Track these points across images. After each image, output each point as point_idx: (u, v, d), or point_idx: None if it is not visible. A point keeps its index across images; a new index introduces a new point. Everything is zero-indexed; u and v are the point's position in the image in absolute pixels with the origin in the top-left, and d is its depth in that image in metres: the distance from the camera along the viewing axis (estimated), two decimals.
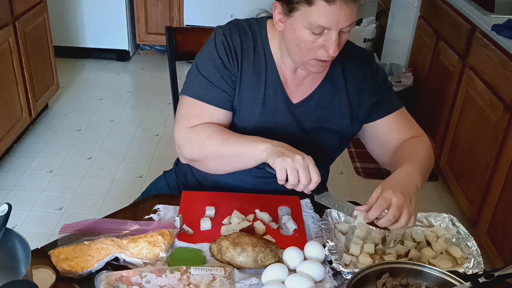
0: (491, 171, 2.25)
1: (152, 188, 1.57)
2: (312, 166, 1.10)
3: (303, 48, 1.17)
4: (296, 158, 1.09)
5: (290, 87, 1.30)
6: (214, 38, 1.27)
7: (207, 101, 1.26)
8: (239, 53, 1.26)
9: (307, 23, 1.12)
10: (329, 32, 1.13)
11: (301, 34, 1.15)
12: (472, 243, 1.16)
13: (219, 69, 1.26)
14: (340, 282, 1.08)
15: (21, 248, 0.95)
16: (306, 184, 1.10)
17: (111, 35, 4.24)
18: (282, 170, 1.10)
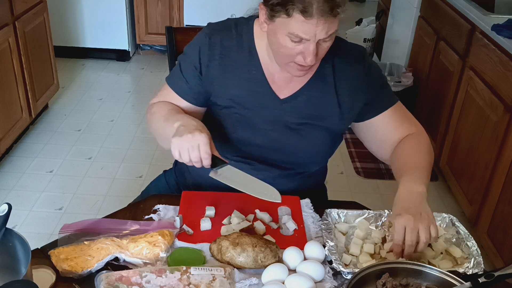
0: (491, 171, 2.25)
1: (152, 187, 1.57)
2: (203, 143, 1.12)
3: (283, 53, 1.19)
4: (187, 137, 1.12)
5: (278, 83, 1.31)
6: (200, 33, 1.33)
7: (172, 88, 1.35)
8: (217, 52, 1.29)
9: (286, 31, 1.14)
10: (307, 42, 1.14)
11: (281, 40, 1.16)
12: (472, 243, 1.16)
13: (190, 64, 1.32)
14: (340, 282, 1.08)
15: (21, 248, 0.95)
16: (197, 162, 1.13)
17: (111, 35, 4.24)
18: (175, 151, 1.13)
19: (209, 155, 1.13)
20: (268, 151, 1.35)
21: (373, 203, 2.60)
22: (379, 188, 2.89)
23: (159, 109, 1.32)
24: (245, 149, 1.35)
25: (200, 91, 1.33)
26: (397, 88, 3.17)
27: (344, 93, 1.32)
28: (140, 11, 4.27)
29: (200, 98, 1.34)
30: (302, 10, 1.08)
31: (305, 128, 1.33)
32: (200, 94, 1.33)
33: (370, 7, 5.97)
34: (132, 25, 4.32)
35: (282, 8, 1.11)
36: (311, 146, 1.36)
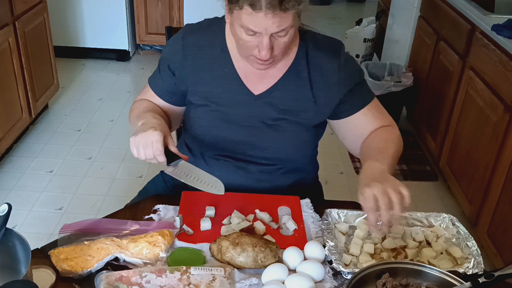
0: (491, 171, 2.25)
1: (149, 187, 1.57)
2: (155, 141, 1.14)
3: (241, 45, 1.21)
4: (141, 136, 1.15)
5: (251, 80, 1.32)
6: (175, 35, 1.38)
7: (151, 86, 1.42)
8: (190, 52, 1.33)
9: (240, 23, 1.15)
10: (260, 35, 1.15)
11: (238, 32, 1.18)
12: (472, 243, 1.16)
13: (165, 64, 1.37)
14: (340, 282, 1.08)
15: (21, 248, 0.95)
16: (151, 159, 1.16)
17: (111, 35, 4.24)
18: (133, 149, 1.17)
19: (160, 152, 1.15)
20: (246, 147, 1.36)
21: None
22: None
23: (137, 107, 1.38)
24: (224, 146, 1.37)
25: (174, 90, 1.37)
26: (397, 88, 3.17)
27: (319, 88, 1.32)
28: (140, 11, 4.27)
29: (175, 97, 1.38)
30: (250, 3, 1.10)
31: (281, 124, 1.34)
32: (175, 93, 1.38)
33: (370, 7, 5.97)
34: (132, 25, 4.32)
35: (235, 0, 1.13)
36: (288, 141, 1.36)
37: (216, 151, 1.39)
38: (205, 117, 1.35)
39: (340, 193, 2.73)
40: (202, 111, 1.35)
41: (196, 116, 1.37)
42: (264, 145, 1.36)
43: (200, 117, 1.36)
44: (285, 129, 1.34)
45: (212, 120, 1.35)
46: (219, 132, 1.36)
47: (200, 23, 1.36)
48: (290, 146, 1.37)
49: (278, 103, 1.32)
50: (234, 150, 1.37)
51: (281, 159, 1.39)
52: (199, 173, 1.19)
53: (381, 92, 3.17)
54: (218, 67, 1.32)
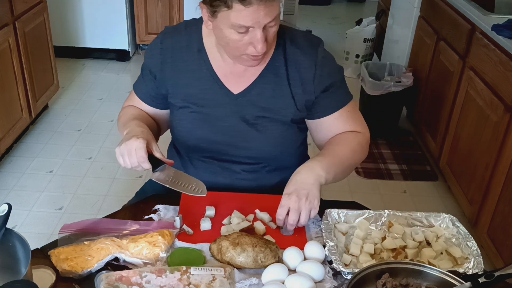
0: (491, 171, 2.25)
1: (147, 187, 1.57)
2: (138, 148, 1.15)
3: (232, 47, 1.20)
4: (125, 145, 1.17)
5: (230, 79, 1.32)
6: (154, 39, 1.39)
7: (135, 92, 1.43)
8: (169, 55, 1.34)
9: (229, 24, 1.15)
10: (253, 30, 1.15)
11: (227, 34, 1.17)
12: (472, 243, 1.16)
13: (147, 68, 1.38)
14: (340, 282, 1.08)
15: (21, 248, 0.96)
16: (136, 166, 1.17)
17: (111, 35, 4.24)
18: (118, 158, 1.18)
19: (144, 158, 1.16)
20: (229, 147, 1.37)
21: (373, 203, 2.61)
22: (379, 188, 2.89)
23: (123, 114, 1.40)
24: (207, 148, 1.38)
25: (157, 94, 1.38)
26: (397, 88, 3.17)
27: (296, 85, 1.32)
28: (140, 11, 4.27)
29: (158, 100, 1.40)
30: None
31: (262, 122, 1.34)
32: (157, 97, 1.39)
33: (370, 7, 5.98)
34: (132, 25, 4.31)
35: (221, 2, 1.12)
36: (270, 140, 1.36)
37: (200, 153, 1.40)
38: (186, 119, 1.36)
39: (340, 193, 2.73)
40: (183, 113, 1.36)
41: (178, 118, 1.38)
42: (246, 144, 1.36)
43: (182, 119, 1.37)
44: (266, 127, 1.34)
45: (193, 121, 1.35)
46: (201, 133, 1.36)
47: (178, 26, 1.38)
48: (272, 144, 1.37)
49: (258, 101, 1.32)
50: (218, 151, 1.38)
51: (265, 157, 1.39)
52: (182, 176, 1.20)
53: (381, 92, 3.17)
54: (196, 68, 1.33)
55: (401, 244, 1.17)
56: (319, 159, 1.26)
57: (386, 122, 3.34)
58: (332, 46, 4.64)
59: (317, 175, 1.21)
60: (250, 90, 1.32)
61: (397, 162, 3.11)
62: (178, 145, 1.45)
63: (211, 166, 1.40)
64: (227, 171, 1.39)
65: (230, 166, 1.39)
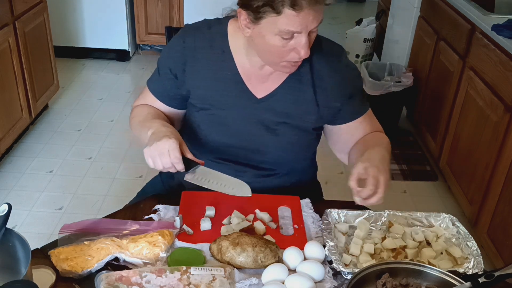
0: (491, 171, 2.25)
1: (148, 188, 1.57)
2: (172, 149, 1.13)
3: (274, 53, 1.19)
4: (156, 145, 1.13)
5: (254, 83, 1.31)
6: (175, 37, 1.34)
7: (150, 90, 1.38)
8: (191, 54, 1.30)
9: (276, 30, 1.13)
10: (299, 35, 1.14)
11: (271, 41, 1.16)
12: (472, 243, 1.16)
13: (166, 67, 1.34)
14: (340, 282, 1.08)
15: (21, 248, 0.95)
16: (170, 167, 1.14)
17: (111, 35, 4.24)
18: (148, 160, 1.15)
19: (179, 159, 1.14)
20: (246, 152, 1.36)
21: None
22: None
23: (138, 113, 1.36)
24: (223, 150, 1.36)
25: (176, 94, 1.35)
26: (397, 88, 3.17)
27: (321, 92, 1.31)
28: (140, 11, 4.27)
29: (176, 100, 1.36)
30: (292, 4, 1.08)
31: (282, 128, 1.33)
32: (176, 96, 1.35)
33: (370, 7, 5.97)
34: (132, 25, 4.31)
35: (269, 8, 1.11)
36: (288, 145, 1.36)
37: (216, 155, 1.37)
38: (205, 121, 1.34)
39: (340, 193, 2.72)
40: (202, 114, 1.34)
41: (196, 120, 1.36)
42: (263, 149, 1.35)
43: (201, 121, 1.35)
44: (285, 133, 1.34)
45: (212, 123, 1.34)
46: (219, 136, 1.35)
47: (200, 24, 1.34)
48: (290, 150, 1.37)
49: (280, 106, 1.32)
50: (234, 154, 1.36)
51: (280, 163, 1.39)
52: (220, 176, 1.18)
53: (381, 92, 3.17)
54: (219, 69, 1.30)
55: (401, 244, 1.17)
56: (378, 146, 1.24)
57: (386, 122, 3.30)
58: None
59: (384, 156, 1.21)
60: (273, 95, 1.31)
61: (397, 162, 3.11)
62: (192, 145, 1.40)
63: (225, 169, 1.34)
64: (242, 174, 1.35)
65: (245, 169, 1.37)
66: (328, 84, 1.31)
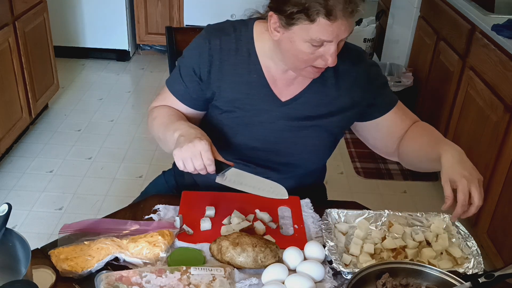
0: (491, 171, 2.25)
1: (151, 188, 1.57)
2: (204, 151, 1.12)
3: (300, 59, 1.18)
4: (188, 147, 1.12)
5: (279, 86, 1.31)
6: (199, 37, 1.32)
7: (171, 91, 1.35)
8: (217, 56, 1.28)
9: (307, 37, 1.13)
10: (328, 44, 1.14)
11: (300, 47, 1.15)
12: (472, 243, 1.16)
13: (189, 68, 1.31)
14: (340, 282, 1.08)
15: (21, 248, 0.95)
16: (202, 169, 1.13)
17: (111, 35, 4.24)
18: (179, 161, 1.14)
19: (212, 161, 1.13)
20: (268, 153, 1.35)
21: (373, 203, 2.60)
22: (379, 188, 2.89)
23: (160, 114, 1.33)
24: (245, 153, 1.35)
25: (199, 96, 1.33)
26: (397, 88, 3.17)
27: (345, 94, 1.32)
28: (140, 11, 4.27)
29: (199, 102, 1.34)
30: (327, 13, 1.08)
31: (305, 130, 1.33)
32: (198, 98, 1.33)
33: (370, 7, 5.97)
34: (132, 25, 4.31)
35: (303, 15, 1.10)
36: (311, 147, 1.36)
37: (237, 157, 1.36)
38: (229, 124, 1.33)
39: (340, 193, 2.73)
40: (226, 116, 1.33)
41: (220, 122, 1.34)
42: (286, 151, 1.35)
43: (224, 123, 1.33)
44: (308, 135, 1.34)
45: (236, 126, 1.33)
46: (242, 139, 1.34)
47: (224, 26, 1.32)
48: (311, 152, 1.37)
49: (305, 109, 1.31)
50: (255, 157, 1.36)
51: (301, 165, 1.39)
52: (253, 178, 1.18)
53: None
54: (245, 72, 1.29)
55: (401, 244, 1.17)
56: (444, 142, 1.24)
57: None
58: None
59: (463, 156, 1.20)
60: (297, 99, 1.31)
61: (397, 162, 3.10)
62: None
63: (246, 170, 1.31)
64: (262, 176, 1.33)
65: (265, 171, 1.36)
66: (354, 86, 1.32)
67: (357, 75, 1.33)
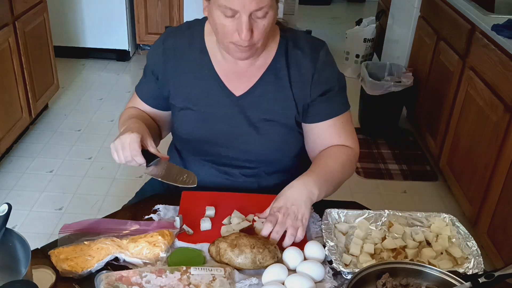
0: (491, 171, 2.25)
1: (147, 188, 1.57)
2: (132, 142, 1.16)
3: (220, 32, 1.19)
4: (119, 139, 1.18)
5: (232, 80, 1.32)
6: (157, 39, 1.38)
7: (137, 93, 1.43)
8: (171, 55, 1.33)
9: (217, 4, 1.15)
10: (239, 15, 1.14)
11: (215, 17, 1.17)
12: (472, 243, 1.16)
13: (149, 69, 1.38)
14: (340, 282, 1.08)
15: (21, 248, 0.95)
16: (130, 161, 1.18)
17: (111, 35, 4.24)
18: (113, 153, 1.21)
19: (137, 151, 1.16)
20: (229, 150, 1.36)
21: (373, 203, 2.60)
22: (379, 188, 2.89)
23: (123, 115, 1.40)
24: (208, 150, 1.37)
25: (159, 95, 1.38)
26: (397, 88, 3.17)
27: (297, 86, 1.31)
28: (140, 11, 4.27)
29: (160, 101, 1.39)
30: None
31: (264, 125, 1.33)
32: (159, 98, 1.38)
33: (370, 7, 5.97)
34: (132, 25, 4.32)
35: None
36: (271, 143, 1.35)
37: (201, 155, 1.39)
38: (187, 120, 1.35)
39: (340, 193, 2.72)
40: (184, 114, 1.35)
41: (179, 119, 1.37)
42: (246, 147, 1.35)
43: (183, 120, 1.36)
44: (268, 130, 1.33)
45: (194, 123, 1.35)
46: (201, 135, 1.35)
47: (180, 26, 1.37)
48: (273, 147, 1.35)
49: (260, 103, 1.31)
50: (218, 153, 1.37)
51: (264, 161, 1.38)
52: (174, 169, 1.21)
53: (381, 92, 3.17)
54: (197, 68, 1.32)
55: (401, 244, 1.17)
56: (313, 175, 1.24)
57: (386, 122, 3.34)
58: (332, 46, 4.63)
59: (310, 192, 1.19)
60: (252, 92, 1.31)
61: (397, 162, 3.11)
62: (179, 146, 1.45)
63: (212, 169, 1.39)
64: (228, 174, 1.39)
65: (229, 170, 1.38)
66: (303, 79, 1.30)
67: (307, 67, 1.29)
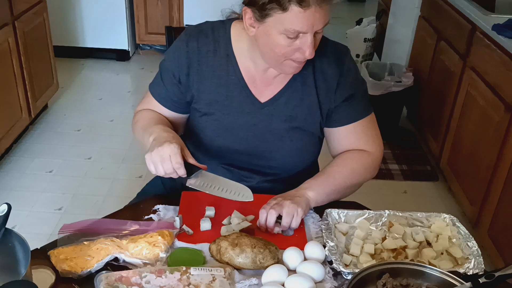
0: (492, 171, 2.25)
1: (148, 188, 1.57)
2: (173, 154, 1.12)
3: (278, 52, 1.17)
4: (157, 151, 1.13)
5: (258, 87, 1.30)
6: (178, 40, 1.32)
7: (153, 95, 1.36)
8: (195, 58, 1.29)
9: (282, 28, 1.12)
10: (304, 35, 1.13)
11: (276, 39, 1.15)
12: (472, 243, 1.15)
13: (169, 71, 1.32)
14: (340, 282, 1.08)
15: (21, 248, 0.95)
16: (171, 173, 1.14)
17: (111, 35, 4.24)
18: (150, 165, 1.14)
19: (180, 164, 1.13)
20: (251, 157, 1.35)
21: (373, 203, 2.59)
22: (380, 188, 2.89)
23: (141, 118, 1.34)
24: (228, 156, 1.35)
25: (179, 99, 1.34)
26: (398, 88, 3.17)
27: (322, 93, 1.30)
28: (140, 11, 4.27)
29: (180, 105, 1.35)
30: (299, 0, 1.08)
31: (287, 132, 1.32)
32: (179, 101, 1.34)
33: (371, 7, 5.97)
34: (132, 25, 4.31)
35: (276, 4, 1.10)
36: (294, 151, 1.35)
37: (220, 160, 1.36)
38: (210, 126, 1.33)
39: None
40: (206, 119, 1.33)
41: (200, 125, 1.34)
42: (268, 155, 1.34)
43: (205, 126, 1.33)
44: (292, 138, 1.33)
45: (216, 129, 1.33)
46: (223, 142, 1.33)
47: (202, 27, 1.32)
48: (295, 155, 1.36)
49: (285, 109, 1.30)
50: (239, 160, 1.35)
51: (285, 168, 1.38)
52: (223, 181, 1.18)
53: (381, 92, 3.17)
54: (223, 74, 1.29)
55: (401, 244, 1.17)
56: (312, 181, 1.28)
57: (386, 122, 3.34)
58: None
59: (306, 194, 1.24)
60: (277, 99, 1.30)
61: (397, 162, 3.11)
62: (196, 150, 1.39)
63: (229, 175, 1.35)
64: (246, 180, 1.36)
65: (250, 175, 1.37)
66: (328, 85, 1.30)
67: (332, 74, 1.30)
